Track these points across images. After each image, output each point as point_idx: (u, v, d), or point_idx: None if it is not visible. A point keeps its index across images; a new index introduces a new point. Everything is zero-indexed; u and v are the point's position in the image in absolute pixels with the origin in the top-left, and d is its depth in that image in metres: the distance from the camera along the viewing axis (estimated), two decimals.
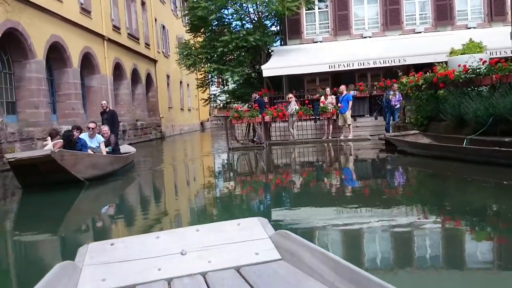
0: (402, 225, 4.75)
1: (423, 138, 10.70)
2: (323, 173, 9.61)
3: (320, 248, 1.78)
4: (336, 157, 12.39)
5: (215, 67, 18.02)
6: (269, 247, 1.95)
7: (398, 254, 3.97)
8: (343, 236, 4.63)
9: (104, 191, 8.66)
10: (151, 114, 26.67)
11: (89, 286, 1.71)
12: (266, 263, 1.85)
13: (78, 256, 1.90)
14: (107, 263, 1.84)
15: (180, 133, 33.41)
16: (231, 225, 2.10)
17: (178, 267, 1.83)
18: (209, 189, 8.39)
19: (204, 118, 44.77)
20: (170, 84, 31.91)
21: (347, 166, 10.57)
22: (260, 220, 2.14)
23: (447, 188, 7.11)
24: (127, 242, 2.00)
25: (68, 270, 1.74)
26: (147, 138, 24.87)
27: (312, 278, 1.67)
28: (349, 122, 15.34)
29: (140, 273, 1.79)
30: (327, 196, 6.84)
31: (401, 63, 16.10)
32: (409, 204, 6.03)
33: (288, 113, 15.25)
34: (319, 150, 14.15)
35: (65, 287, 1.63)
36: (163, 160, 14.75)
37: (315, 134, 16.14)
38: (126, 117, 22.24)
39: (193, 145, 21.25)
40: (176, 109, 33.56)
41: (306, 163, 11.72)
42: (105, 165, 9.35)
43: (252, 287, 1.63)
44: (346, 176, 9.11)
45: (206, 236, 2.01)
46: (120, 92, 22.37)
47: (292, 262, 1.82)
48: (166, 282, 1.76)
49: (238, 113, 14.31)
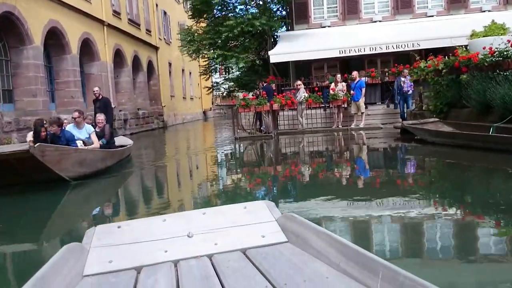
0: (424, 216, 4.47)
1: (444, 126, 10.07)
2: (338, 164, 8.98)
3: (327, 231, 1.76)
4: (349, 146, 11.75)
5: (220, 53, 17.31)
6: (276, 229, 1.94)
7: (415, 248, 3.75)
8: (358, 227, 4.37)
9: (91, 192, 7.23)
10: (153, 103, 26.00)
11: (96, 268, 1.71)
12: (272, 246, 1.85)
13: (85, 238, 1.90)
14: (114, 245, 1.84)
15: (182, 122, 32.77)
16: (237, 208, 2.10)
17: (184, 249, 1.83)
18: (218, 190, 7.15)
19: (207, 107, 44.08)
20: (172, 72, 31.20)
21: (362, 157, 9.92)
22: (267, 203, 2.14)
23: (479, 179, 6.51)
24: (133, 224, 2.01)
25: (75, 251, 1.74)
26: (149, 128, 24.25)
27: (318, 260, 1.66)
28: (362, 110, 14.67)
29: (146, 255, 1.79)
30: (344, 189, 6.23)
31: (415, 47, 15.36)
32: (434, 195, 5.50)
33: (297, 101, 14.60)
34: (330, 139, 13.52)
35: (72, 268, 1.64)
36: (165, 152, 13.60)
37: (325, 123, 15.49)
38: (127, 105, 21.61)
39: (196, 135, 20.63)
40: (179, 97, 32.88)
41: (318, 153, 11.09)
42: (96, 161, 7.98)
43: (258, 269, 1.63)
44: (363, 167, 8.35)
45: (213, 219, 2.01)
46: (121, 80, 21.70)
47: (298, 245, 1.82)
48: (172, 264, 1.75)
49: (245, 101, 13.65)
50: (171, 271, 1.69)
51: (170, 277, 1.63)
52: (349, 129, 14.47)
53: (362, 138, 13.00)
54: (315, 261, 1.66)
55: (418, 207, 4.84)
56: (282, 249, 1.81)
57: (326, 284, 1.46)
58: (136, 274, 1.69)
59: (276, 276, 1.53)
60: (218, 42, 18.45)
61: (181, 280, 1.60)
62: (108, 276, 1.68)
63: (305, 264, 1.64)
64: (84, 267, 1.71)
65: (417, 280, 1.27)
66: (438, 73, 10.75)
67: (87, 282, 1.63)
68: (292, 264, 1.65)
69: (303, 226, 1.87)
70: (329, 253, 1.64)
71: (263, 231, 1.94)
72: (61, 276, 1.55)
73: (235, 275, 1.59)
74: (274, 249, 1.82)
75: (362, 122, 14.78)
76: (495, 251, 3.51)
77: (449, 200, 5.31)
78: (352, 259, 1.53)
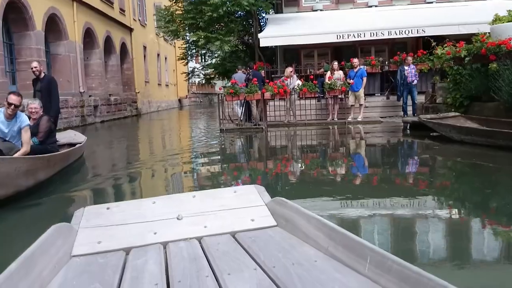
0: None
1: (467, 122, 8.75)
2: (350, 168, 7.51)
3: (315, 215, 1.73)
4: (357, 144, 10.33)
5: (203, 35, 15.62)
6: (265, 214, 1.94)
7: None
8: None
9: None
10: (126, 89, 24.12)
11: (85, 248, 1.69)
12: (262, 229, 1.85)
13: (74, 219, 1.87)
14: (103, 226, 1.82)
15: (157, 110, 30.93)
16: (227, 192, 2.10)
17: (174, 231, 1.82)
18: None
19: (183, 95, 42.15)
20: (147, 56, 29.27)
21: (380, 160, 8.46)
22: (257, 187, 2.13)
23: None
24: (123, 206, 1.99)
25: (64, 231, 1.72)
26: (122, 115, 22.42)
27: (306, 243, 1.66)
28: (362, 101, 13.29)
29: (136, 236, 1.77)
30: (369, 208, 4.78)
31: (420, 34, 14.07)
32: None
33: (290, 90, 13.11)
34: (329, 134, 12.09)
35: (60, 248, 1.62)
36: (138, 151, 10.32)
37: (319, 115, 14.06)
38: (98, 91, 19.74)
39: (175, 126, 18.86)
40: (153, 84, 30.97)
41: (322, 151, 9.62)
42: (16, 176, 4.72)
43: (247, 252, 1.63)
44: (389, 177, 6.48)
45: (203, 202, 2.01)
46: (91, 63, 19.79)
47: (287, 228, 1.82)
48: (161, 245, 1.74)
49: (234, 89, 12.07)
50: (160, 253, 1.67)
51: (159, 258, 1.60)
52: (346, 122, 13.08)
53: (364, 133, 11.62)
54: (304, 245, 1.66)
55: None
56: (271, 233, 1.81)
57: (315, 267, 1.45)
58: (125, 255, 1.66)
59: (265, 259, 1.53)
60: (200, 23, 16.72)
61: (170, 261, 1.57)
62: (97, 256, 1.65)
63: (294, 248, 1.64)
64: (73, 247, 1.68)
65: (405, 264, 1.26)
66: (459, 62, 9.41)
67: (75, 262, 1.61)
68: (281, 248, 1.64)
69: (292, 211, 1.85)
70: (317, 237, 1.63)
71: (252, 215, 1.93)
72: (49, 256, 1.52)
73: (224, 257, 1.57)
74: (263, 232, 1.82)
75: (361, 115, 13.41)
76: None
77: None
78: (340, 243, 1.52)
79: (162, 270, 1.52)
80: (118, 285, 1.44)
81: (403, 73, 12.93)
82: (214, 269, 1.49)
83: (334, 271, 1.43)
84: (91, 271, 1.54)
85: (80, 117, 17.20)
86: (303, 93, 13.08)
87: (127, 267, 1.56)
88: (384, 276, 1.31)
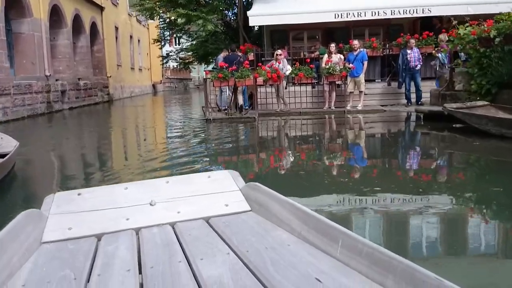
0: None
1: (499, 112, 7.57)
2: (371, 171, 6.23)
3: (289, 200, 1.72)
4: (366, 138, 9.07)
5: (183, 12, 14.04)
6: (239, 199, 1.93)
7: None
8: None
9: None
10: (96, 72, 22.31)
11: (55, 234, 1.64)
12: (235, 214, 1.84)
13: (44, 205, 1.82)
14: (74, 212, 1.78)
15: (130, 95, 29.14)
16: (201, 177, 2.07)
17: (146, 217, 1.79)
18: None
19: (157, 80, 40.23)
20: (119, 38, 27.36)
21: (411, 161, 7.21)
22: (231, 172, 2.10)
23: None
24: (94, 192, 1.94)
25: (34, 217, 1.66)
26: (92, 101, 20.69)
27: (280, 228, 1.66)
28: (362, 88, 12.03)
29: (107, 222, 1.74)
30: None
31: (425, 13, 12.87)
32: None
33: (284, 75, 11.75)
34: (329, 124, 10.82)
35: (30, 234, 1.57)
36: (108, 154, 8.01)
37: (313, 103, 12.75)
38: (65, 74, 17.97)
39: (152, 114, 17.23)
40: (126, 68, 29.10)
41: (338, 146, 8.33)
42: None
43: (221, 237, 1.61)
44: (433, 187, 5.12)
45: (176, 188, 1.97)
46: (58, 43, 17.95)
47: (261, 213, 1.81)
48: (134, 231, 1.69)
49: (223, 73, 10.61)
50: (133, 239, 1.63)
51: (131, 244, 1.58)
52: (345, 111, 11.81)
53: (368, 123, 10.39)
54: (277, 229, 1.65)
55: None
56: (245, 218, 1.80)
57: (288, 251, 1.46)
58: (97, 241, 1.63)
59: (238, 244, 1.52)
60: (179, 0, 15.13)
61: (142, 247, 1.55)
62: (67, 243, 1.61)
63: (268, 232, 1.63)
64: (43, 233, 1.64)
65: (376, 247, 1.27)
66: (486, 43, 8.20)
67: (45, 249, 1.57)
68: (255, 232, 1.63)
69: (266, 195, 1.84)
70: (291, 221, 1.63)
71: (226, 200, 1.92)
72: (18, 242, 1.48)
73: (197, 242, 1.56)
74: (237, 217, 1.81)
75: (361, 103, 12.16)
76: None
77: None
78: (313, 227, 1.53)
79: (134, 256, 1.47)
80: (89, 271, 1.37)
81: (405, 57, 11.72)
82: (187, 254, 1.46)
83: (307, 254, 1.43)
84: (62, 257, 1.49)
85: (45, 103, 15.46)
86: (299, 79, 11.74)
87: (98, 253, 1.51)
88: (356, 258, 1.31)
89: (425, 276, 1.11)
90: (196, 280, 1.28)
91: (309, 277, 1.27)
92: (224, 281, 1.26)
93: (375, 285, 1.22)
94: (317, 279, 1.25)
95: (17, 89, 13.30)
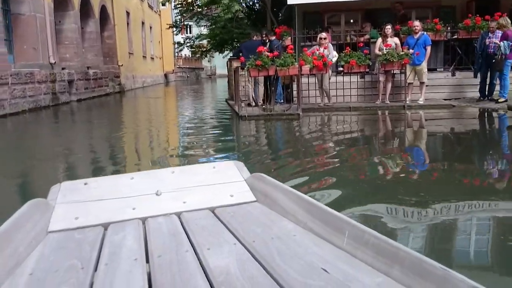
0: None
1: None
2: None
3: (295, 190, 1.71)
4: (454, 143, 7.14)
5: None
6: (244, 189, 1.93)
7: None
8: None
9: None
10: (107, 61, 20.45)
11: (62, 224, 1.63)
12: (241, 205, 1.84)
13: (51, 194, 1.82)
14: (80, 201, 1.78)
15: (142, 86, 27.31)
16: (206, 168, 2.07)
17: (152, 207, 1.78)
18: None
19: (169, 69, 38.29)
20: (131, 24, 25.47)
21: None
22: (236, 163, 2.09)
23: None
24: (100, 182, 1.93)
25: (40, 207, 1.66)
26: (103, 92, 18.84)
27: (285, 218, 1.65)
28: (424, 79, 10.10)
29: (114, 212, 1.73)
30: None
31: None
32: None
33: (331, 62, 9.82)
34: (393, 122, 8.91)
35: (36, 223, 1.56)
36: (121, 156, 6.29)
37: (361, 96, 10.83)
38: (73, 62, 16.10)
39: (171, 108, 15.31)
40: (138, 56, 27.24)
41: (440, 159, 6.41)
42: None
43: (227, 227, 1.60)
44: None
45: (181, 178, 1.96)
46: (65, 28, 16.07)
47: (267, 204, 1.81)
48: (140, 221, 1.68)
49: (262, 60, 8.68)
50: (139, 228, 1.62)
51: (138, 233, 1.56)
52: (405, 106, 9.87)
53: (444, 123, 8.49)
54: (283, 220, 1.65)
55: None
56: (251, 208, 1.80)
57: (293, 241, 1.46)
58: (103, 231, 1.61)
59: (244, 234, 1.51)
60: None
61: (149, 236, 1.53)
62: (74, 232, 1.60)
63: (273, 223, 1.62)
64: (49, 223, 1.62)
65: (382, 237, 1.26)
66: None
67: (52, 238, 1.55)
68: (260, 223, 1.62)
69: (272, 186, 1.84)
70: (296, 212, 1.63)
71: (231, 190, 1.91)
72: (25, 231, 1.47)
73: (204, 232, 1.55)
74: (242, 208, 1.81)
75: (422, 97, 10.22)
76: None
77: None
78: (319, 217, 1.52)
79: (141, 245, 1.45)
80: (97, 260, 1.36)
81: (483, 41, 9.72)
82: (193, 244, 1.44)
83: (312, 244, 1.42)
84: (69, 246, 1.48)
85: (50, 94, 13.62)
86: (350, 67, 9.81)
87: (105, 242, 1.50)
88: (361, 249, 1.31)
89: (431, 266, 1.11)
90: (203, 270, 1.26)
91: (315, 267, 1.26)
92: (231, 271, 1.25)
93: (381, 275, 1.21)
94: (323, 269, 1.24)
95: (17, 78, 11.45)
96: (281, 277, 1.20)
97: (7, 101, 10.96)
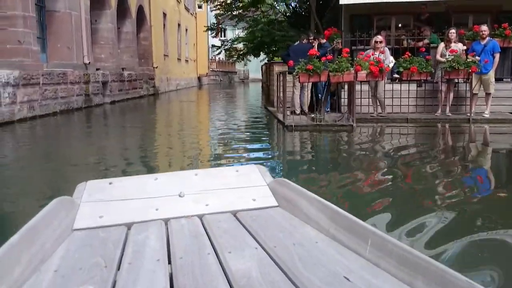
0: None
1: None
2: None
3: (318, 197, 1.66)
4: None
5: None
6: (267, 194, 1.90)
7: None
8: None
9: None
10: (142, 62, 19.94)
11: (87, 222, 1.65)
12: (263, 209, 1.81)
13: (76, 193, 1.82)
14: (105, 200, 1.78)
15: (176, 88, 26.79)
16: (229, 171, 2.07)
17: (175, 208, 1.78)
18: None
19: (203, 73, 37.80)
20: (167, 25, 24.98)
21: None
22: (259, 167, 2.06)
23: None
24: (125, 182, 1.96)
25: (66, 204, 1.68)
26: (136, 94, 18.29)
27: (308, 225, 1.62)
28: (491, 89, 9.06)
29: (137, 212, 1.73)
30: None
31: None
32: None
33: (388, 69, 8.88)
34: (459, 138, 7.91)
35: (62, 221, 1.58)
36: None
37: (419, 107, 9.82)
38: (108, 63, 15.56)
39: (207, 113, 14.57)
40: (173, 58, 26.74)
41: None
42: None
43: (248, 231, 1.58)
44: None
45: (204, 180, 1.95)
46: (101, 27, 15.56)
47: (289, 209, 1.78)
48: (163, 222, 1.68)
49: (313, 64, 7.80)
50: (162, 229, 1.61)
51: (161, 234, 1.56)
52: (470, 119, 8.84)
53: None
54: (305, 226, 1.62)
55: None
56: (273, 213, 1.78)
57: (316, 248, 1.43)
58: (127, 230, 1.61)
59: (266, 239, 1.49)
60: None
61: (171, 237, 1.54)
62: (98, 230, 1.61)
63: (295, 229, 1.60)
64: (74, 221, 1.64)
65: (405, 247, 1.24)
66: None
67: (77, 236, 1.57)
68: (282, 228, 1.60)
69: (294, 192, 1.81)
70: (319, 218, 1.59)
71: (254, 194, 1.89)
72: (51, 228, 1.48)
73: (225, 235, 1.54)
74: (264, 212, 1.78)
75: (488, 109, 9.17)
76: None
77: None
78: (342, 225, 1.48)
79: (164, 246, 1.45)
80: (120, 259, 1.37)
81: None
82: (215, 247, 1.43)
83: (335, 252, 1.39)
84: (93, 244, 1.48)
85: (83, 96, 13.05)
86: (410, 74, 8.84)
87: (128, 241, 1.50)
88: (385, 258, 1.28)
89: (455, 278, 1.07)
90: (224, 273, 1.25)
91: (338, 275, 1.23)
92: (252, 275, 1.23)
93: (404, 286, 1.18)
94: (345, 278, 1.22)
95: (48, 78, 10.88)
96: (303, 284, 1.16)
97: (38, 102, 10.38)
